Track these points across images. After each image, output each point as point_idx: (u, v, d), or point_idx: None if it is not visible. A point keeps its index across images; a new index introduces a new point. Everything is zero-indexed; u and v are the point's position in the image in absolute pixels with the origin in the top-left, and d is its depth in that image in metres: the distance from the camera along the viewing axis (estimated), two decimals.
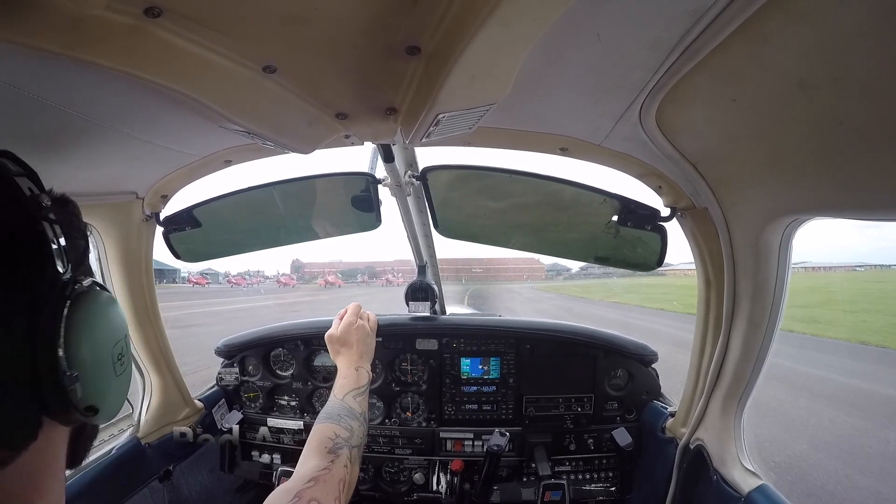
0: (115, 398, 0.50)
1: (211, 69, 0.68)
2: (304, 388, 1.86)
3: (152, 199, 1.42)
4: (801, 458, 5.06)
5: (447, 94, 0.72)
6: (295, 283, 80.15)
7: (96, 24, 0.55)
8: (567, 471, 1.76)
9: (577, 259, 1.83)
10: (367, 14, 0.63)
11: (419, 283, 1.95)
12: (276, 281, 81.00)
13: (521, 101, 0.98)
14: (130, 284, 1.49)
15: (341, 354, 1.30)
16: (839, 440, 5.61)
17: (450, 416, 1.81)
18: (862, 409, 6.77)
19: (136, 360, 1.59)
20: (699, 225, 1.22)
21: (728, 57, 0.68)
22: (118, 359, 0.49)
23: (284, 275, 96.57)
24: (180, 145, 1.18)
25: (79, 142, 0.96)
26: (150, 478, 1.51)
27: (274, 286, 68.92)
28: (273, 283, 78.46)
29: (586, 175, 1.40)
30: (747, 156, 0.92)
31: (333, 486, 0.88)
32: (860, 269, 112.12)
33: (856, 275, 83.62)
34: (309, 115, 0.90)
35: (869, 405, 6.94)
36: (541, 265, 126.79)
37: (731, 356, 1.22)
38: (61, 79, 0.73)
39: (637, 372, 1.77)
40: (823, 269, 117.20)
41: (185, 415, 1.72)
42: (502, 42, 0.60)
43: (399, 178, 1.47)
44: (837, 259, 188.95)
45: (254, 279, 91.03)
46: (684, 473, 1.39)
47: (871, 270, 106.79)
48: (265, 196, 1.57)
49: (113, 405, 0.50)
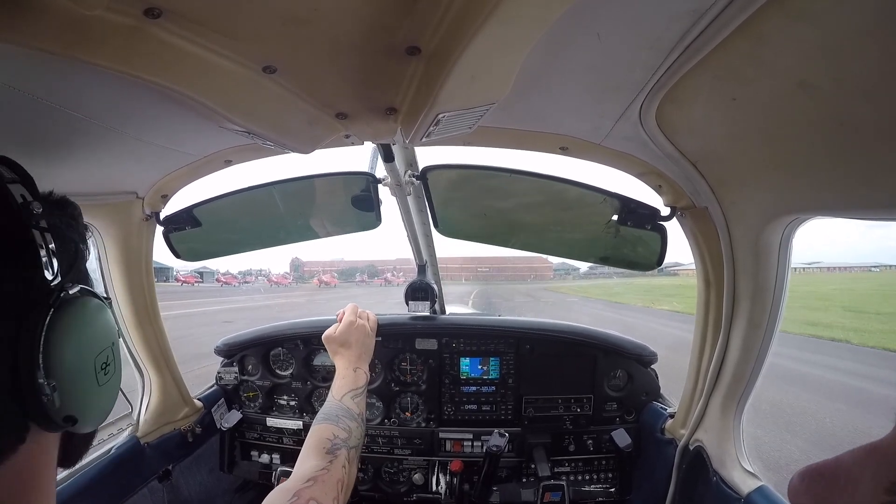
0: (98, 408, 0.49)
1: (211, 69, 0.68)
2: (303, 387, 1.86)
3: (152, 198, 1.42)
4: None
5: (447, 94, 0.72)
6: (288, 282, 78.65)
7: (96, 25, 0.55)
8: (566, 472, 1.76)
9: (577, 259, 1.83)
10: (367, 14, 0.63)
11: (419, 283, 1.95)
12: (267, 280, 78.95)
13: (521, 101, 0.98)
14: (130, 284, 1.49)
15: (339, 355, 1.30)
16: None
17: (449, 416, 1.81)
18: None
19: (136, 360, 1.59)
20: (699, 224, 1.22)
21: (728, 56, 0.68)
22: (102, 368, 0.48)
23: (276, 273, 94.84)
24: (180, 145, 1.18)
25: (79, 142, 0.96)
26: (149, 477, 1.51)
27: (269, 286, 66.44)
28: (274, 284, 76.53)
29: (586, 174, 1.40)
30: (747, 155, 0.92)
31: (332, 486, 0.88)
32: (875, 270, 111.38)
33: (875, 275, 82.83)
34: (309, 115, 0.90)
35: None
36: (549, 264, 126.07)
37: (731, 356, 1.21)
38: (62, 79, 0.73)
39: (636, 373, 1.76)
40: (839, 269, 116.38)
41: (184, 414, 1.72)
42: (502, 42, 0.60)
43: (399, 178, 1.47)
44: (850, 259, 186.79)
45: (247, 278, 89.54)
46: (683, 474, 1.38)
47: (886, 271, 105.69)
48: (265, 196, 1.57)
49: (95, 415, 0.49)
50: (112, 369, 0.51)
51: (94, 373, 0.47)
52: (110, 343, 0.51)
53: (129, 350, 1.57)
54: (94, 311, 0.49)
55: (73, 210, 0.54)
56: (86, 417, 0.47)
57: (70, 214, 0.52)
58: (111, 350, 0.51)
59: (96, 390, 0.48)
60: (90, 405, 0.47)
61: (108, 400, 0.51)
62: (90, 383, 0.47)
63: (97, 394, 0.48)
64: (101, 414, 0.51)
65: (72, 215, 0.52)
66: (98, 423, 0.50)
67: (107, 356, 0.50)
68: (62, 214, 0.50)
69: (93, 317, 0.48)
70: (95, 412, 0.49)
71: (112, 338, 0.52)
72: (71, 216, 0.52)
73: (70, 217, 0.51)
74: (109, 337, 0.51)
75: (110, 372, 0.51)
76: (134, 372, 1.61)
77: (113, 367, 0.51)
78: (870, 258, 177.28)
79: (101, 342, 0.49)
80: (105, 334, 0.50)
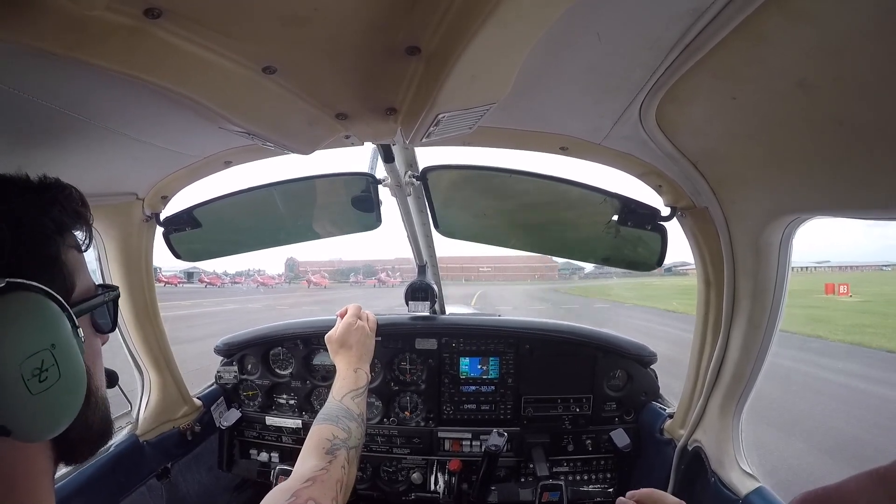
0: (37, 418, 0.44)
1: (211, 70, 0.68)
2: (302, 386, 1.86)
3: (152, 199, 1.42)
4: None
5: (447, 94, 0.72)
6: (275, 283, 75.38)
7: (96, 25, 0.55)
8: (565, 471, 1.76)
9: (577, 259, 1.83)
10: (367, 14, 0.63)
11: (419, 283, 1.95)
12: (252, 280, 75.88)
13: (521, 101, 0.98)
14: (130, 285, 1.50)
15: (340, 355, 1.30)
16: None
17: (448, 415, 1.81)
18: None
19: (136, 359, 1.59)
20: (699, 224, 1.22)
21: (728, 56, 0.68)
22: (34, 374, 0.43)
23: (265, 274, 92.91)
24: (180, 146, 1.19)
25: (79, 143, 0.96)
26: (148, 475, 1.52)
27: (254, 287, 62.19)
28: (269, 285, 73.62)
29: (586, 175, 1.39)
30: (747, 155, 0.92)
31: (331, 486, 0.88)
32: (887, 269, 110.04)
33: (887, 274, 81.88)
34: (309, 115, 0.90)
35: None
36: (554, 263, 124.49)
37: (731, 356, 1.21)
38: (62, 80, 0.73)
39: (636, 373, 1.76)
40: (850, 268, 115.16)
41: (183, 413, 1.72)
42: (502, 42, 0.60)
43: (399, 178, 1.47)
44: (857, 258, 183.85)
45: (236, 278, 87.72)
46: (682, 475, 1.38)
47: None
48: (265, 196, 1.57)
49: (34, 425, 0.44)
50: (51, 376, 0.44)
51: (20, 380, 0.42)
52: (46, 345, 0.45)
53: (128, 349, 1.58)
54: (22, 310, 0.43)
55: (50, 194, 0.48)
56: (21, 427, 0.42)
57: (36, 200, 0.47)
58: (50, 353, 0.45)
59: (28, 398, 0.43)
60: (22, 415, 0.43)
61: (51, 409, 0.45)
62: (17, 390, 0.42)
63: (30, 403, 0.43)
64: (46, 424, 0.45)
65: (43, 201, 0.47)
66: (46, 432, 0.45)
67: (40, 361, 0.43)
68: (16, 199, 0.45)
69: (18, 317, 0.42)
70: (32, 422, 0.44)
71: (50, 339, 0.45)
72: (36, 202, 0.47)
73: (30, 203, 0.46)
74: (44, 339, 0.45)
75: (49, 379, 0.44)
76: (133, 371, 1.61)
77: (53, 374, 0.45)
78: (877, 257, 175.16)
79: (28, 346, 0.43)
80: (37, 337, 0.44)
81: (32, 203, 0.47)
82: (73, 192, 0.53)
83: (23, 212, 0.46)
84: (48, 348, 0.45)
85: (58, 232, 0.49)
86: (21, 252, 0.45)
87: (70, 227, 0.51)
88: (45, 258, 0.48)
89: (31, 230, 0.46)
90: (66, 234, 0.51)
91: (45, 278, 0.46)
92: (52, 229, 0.48)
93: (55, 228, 0.49)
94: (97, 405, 0.57)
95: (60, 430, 0.47)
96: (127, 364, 1.56)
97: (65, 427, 0.47)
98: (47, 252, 0.48)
